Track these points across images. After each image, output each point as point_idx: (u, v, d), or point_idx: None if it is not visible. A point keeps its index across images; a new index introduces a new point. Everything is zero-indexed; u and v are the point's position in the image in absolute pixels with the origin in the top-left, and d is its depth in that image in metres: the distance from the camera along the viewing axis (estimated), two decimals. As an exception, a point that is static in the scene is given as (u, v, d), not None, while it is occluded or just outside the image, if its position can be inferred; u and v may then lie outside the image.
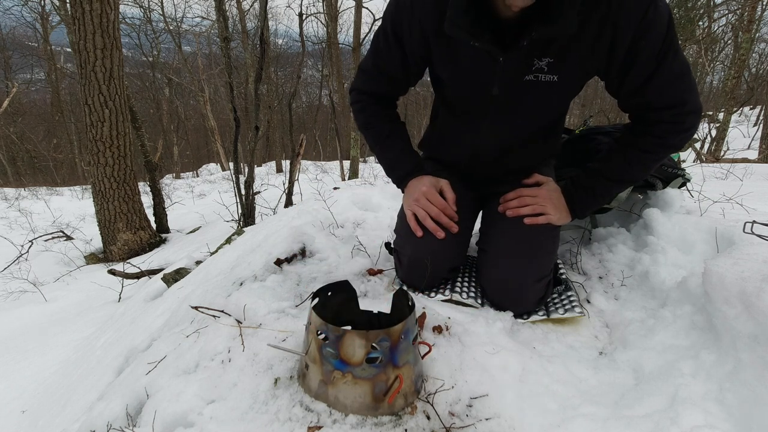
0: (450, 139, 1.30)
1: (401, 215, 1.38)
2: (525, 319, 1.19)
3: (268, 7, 4.30)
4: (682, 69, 0.95)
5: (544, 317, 1.18)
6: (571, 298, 1.24)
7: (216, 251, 2.52)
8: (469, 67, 1.06)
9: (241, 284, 1.37)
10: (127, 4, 16.48)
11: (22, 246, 4.84)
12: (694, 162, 5.88)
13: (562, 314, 1.18)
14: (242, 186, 4.28)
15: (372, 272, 1.41)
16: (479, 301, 1.24)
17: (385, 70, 1.18)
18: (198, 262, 2.58)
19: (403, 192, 1.29)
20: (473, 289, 1.29)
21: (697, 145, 7.61)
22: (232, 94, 4.57)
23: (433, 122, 1.37)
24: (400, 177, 1.28)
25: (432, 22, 1.02)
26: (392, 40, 1.11)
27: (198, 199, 9.11)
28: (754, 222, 1.09)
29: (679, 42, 0.95)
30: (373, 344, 0.80)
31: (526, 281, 1.15)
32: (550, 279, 1.21)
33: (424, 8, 1.02)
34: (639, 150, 1.06)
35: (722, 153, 7.30)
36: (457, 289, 1.28)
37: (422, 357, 0.92)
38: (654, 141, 1.03)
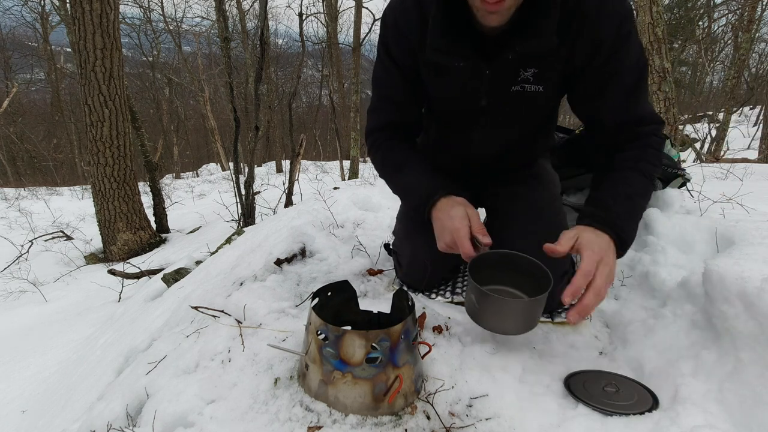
0: (442, 149, 1.27)
1: (400, 217, 1.37)
2: None
3: (268, 7, 4.30)
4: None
5: (548, 320, 1.18)
6: (573, 302, 1.24)
7: (216, 251, 2.52)
8: (456, 80, 1.05)
9: (241, 284, 1.37)
10: (127, 4, 16.51)
11: (22, 246, 4.84)
12: (694, 162, 5.88)
13: (566, 318, 1.17)
14: (242, 186, 4.28)
15: (372, 272, 1.41)
16: None
17: (389, 96, 1.15)
18: (198, 262, 2.58)
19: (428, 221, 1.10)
20: None
21: (697, 145, 7.61)
22: (232, 94, 4.57)
23: (425, 132, 1.32)
24: (417, 205, 1.10)
25: (416, 38, 1.02)
26: (387, 62, 1.10)
27: (198, 199, 9.11)
28: None
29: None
30: (373, 344, 0.80)
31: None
32: (570, 275, 1.21)
33: (408, 25, 1.02)
34: (649, 164, 0.99)
35: (722, 153, 7.29)
36: (458, 290, 1.28)
37: (422, 357, 0.92)
38: (654, 152, 1.00)
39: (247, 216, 4.30)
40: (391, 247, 1.40)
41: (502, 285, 1.01)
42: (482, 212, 1.50)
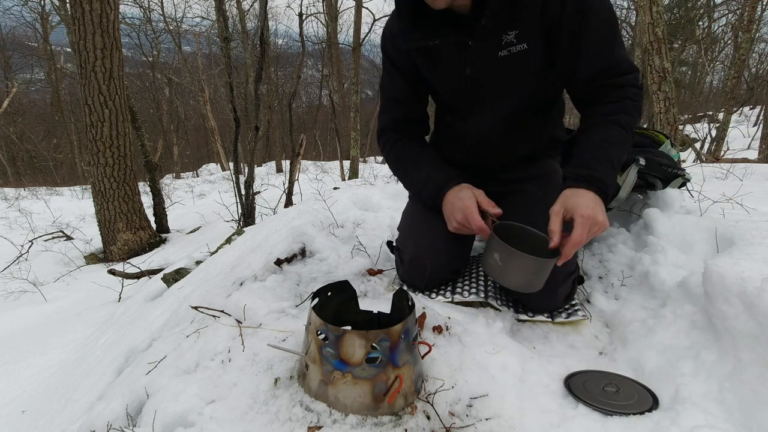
0: (452, 134, 1.32)
1: (405, 213, 1.38)
2: (530, 316, 1.19)
3: (268, 7, 4.30)
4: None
5: (549, 320, 1.18)
6: (573, 302, 1.25)
7: (216, 251, 2.52)
8: (447, 61, 1.13)
9: (241, 284, 1.37)
10: (127, 4, 16.50)
11: (22, 246, 4.83)
12: (694, 162, 5.88)
13: (566, 318, 1.17)
14: (242, 186, 4.28)
15: (372, 272, 1.41)
16: (482, 295, 1.24)
17: (394, 96, 1.29)
18: (198, 262, 2.58)
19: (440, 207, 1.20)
20: (474, 286, 1.29)
21: (697, 145, 7.61)
22: (232, 94, 4.57)
23: (435, 126, 1.42)
24: (432, 195, 1.20)
25: (408, 41, 1.13)
26: (389, 67, 1.25)
27: (198, 199, 9.11)
28: None
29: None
30: (373, 344, 0.80)
31: (555, 279, 1.11)
32: (575, 276, 1.21)
33: (400, 29, 1.14)
34: (627, 115, 1.03)
35: (722, 153, 7.29)
36: (458, 290, 1.28)
37: (422, 357, 0.92)
38: (631, 104, 1.04)
39: (247, 216, 4.30)
40: (393, 243, 1.40)
41: None
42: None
